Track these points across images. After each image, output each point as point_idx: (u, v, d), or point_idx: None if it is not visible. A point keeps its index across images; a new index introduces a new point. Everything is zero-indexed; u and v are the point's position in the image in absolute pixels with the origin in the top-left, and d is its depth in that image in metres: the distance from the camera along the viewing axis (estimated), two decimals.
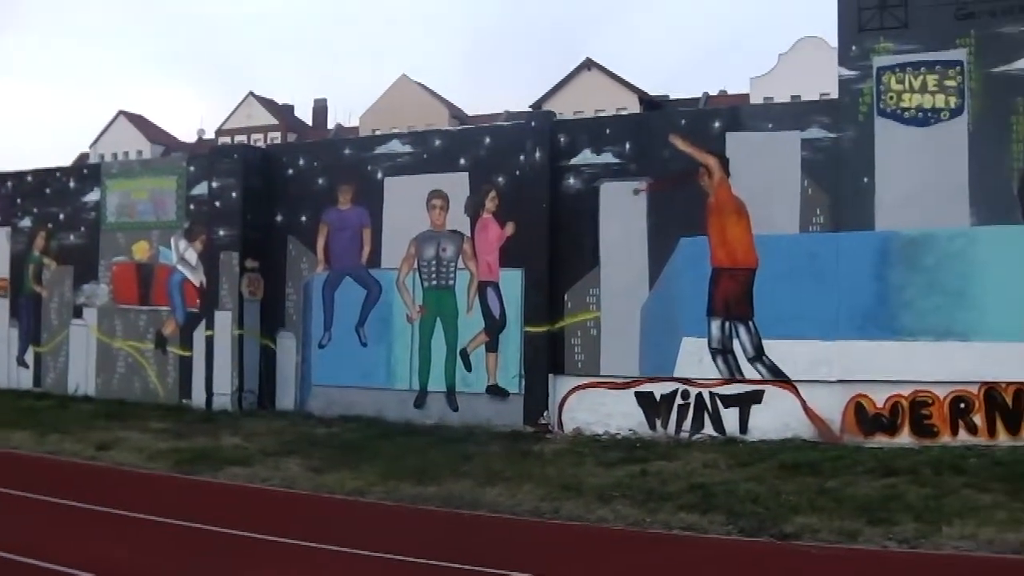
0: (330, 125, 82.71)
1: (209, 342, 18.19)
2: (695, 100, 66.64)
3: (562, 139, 15.86)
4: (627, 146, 15.43)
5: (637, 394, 15.06)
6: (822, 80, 14.24)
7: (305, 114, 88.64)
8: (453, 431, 15.36)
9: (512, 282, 16.02)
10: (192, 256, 18.89)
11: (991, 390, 13.39)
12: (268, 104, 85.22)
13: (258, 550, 9.52)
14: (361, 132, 65.40)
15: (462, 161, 16.51)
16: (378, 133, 34.78)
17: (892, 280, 13.75)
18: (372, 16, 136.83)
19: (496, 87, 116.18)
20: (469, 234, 16.42)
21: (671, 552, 9.62)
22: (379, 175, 17.19)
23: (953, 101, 13.60)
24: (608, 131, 15.82)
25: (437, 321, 16.56)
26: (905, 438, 13.67)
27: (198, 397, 18.35)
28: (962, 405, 13.50)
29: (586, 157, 15.65)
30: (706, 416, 14.70)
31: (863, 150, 13.95)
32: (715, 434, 14.55)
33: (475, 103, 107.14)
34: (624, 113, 49.36)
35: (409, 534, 10.20)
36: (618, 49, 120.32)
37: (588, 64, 74.77)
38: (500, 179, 16.14)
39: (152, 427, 16.34)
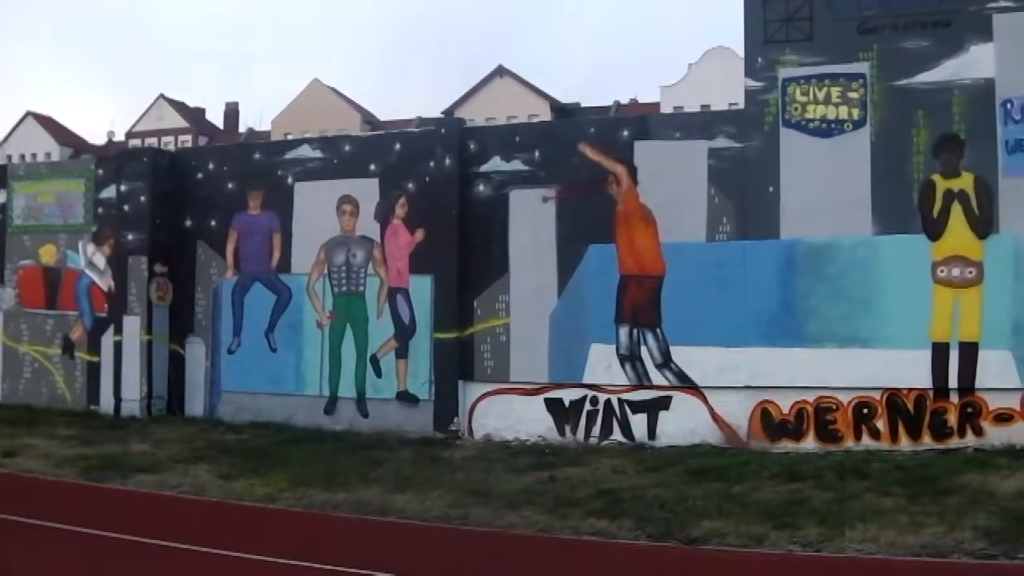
0: (241, 129, 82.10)
1: (117, 347, 17.93)
2: (606, 108, 67.04)
3: (472, 146, 15.88)
4: (537, 154, 15.49)
5: (546, 400, 15.13)
6: (731, 90, 14.45)
7: (216, 117, 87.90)
8: (363, 437, 15.31)
9: (422, 288, 16.02)
10: (100, 260, 18.63)
11: (893, 396, 13.65)
12: (179, 107, 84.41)
13: (167, 558, 9.46)
14: (273, 136, 65.01)
15: (372, 167, 16.47)
16: (289, 138, 34.64)
17: (797, 288, 13.97)
18: (284, 20, 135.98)
19: (409, 93, 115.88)
20: (379, 240, 16.38)
21: (580, 558, 9.69)
22: (289, 180, 17.10)
23: (856, 113, 13.86)
24: (518, 138, 15.88)
25: (347, 327, 16.51)
26: (810, 443, 13.88)
27: (106, 403, 18.06)
28: (865, 411, 13.75)
29: (496, 164, 15.69)
30: (615, 422, 14.80)
31: (769, 160, 14.17)
32: (624, 440, 14.65)
33: (387, 108, 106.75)
34: (535, 120, 49.42)
35: (318, 540, 10.19)
36: (531, 56, 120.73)
37: (500, 71, 74.97)
38: (410, 185, 16.13)
39: (59, 433, 16.08)
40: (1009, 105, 13.40)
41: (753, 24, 14.39)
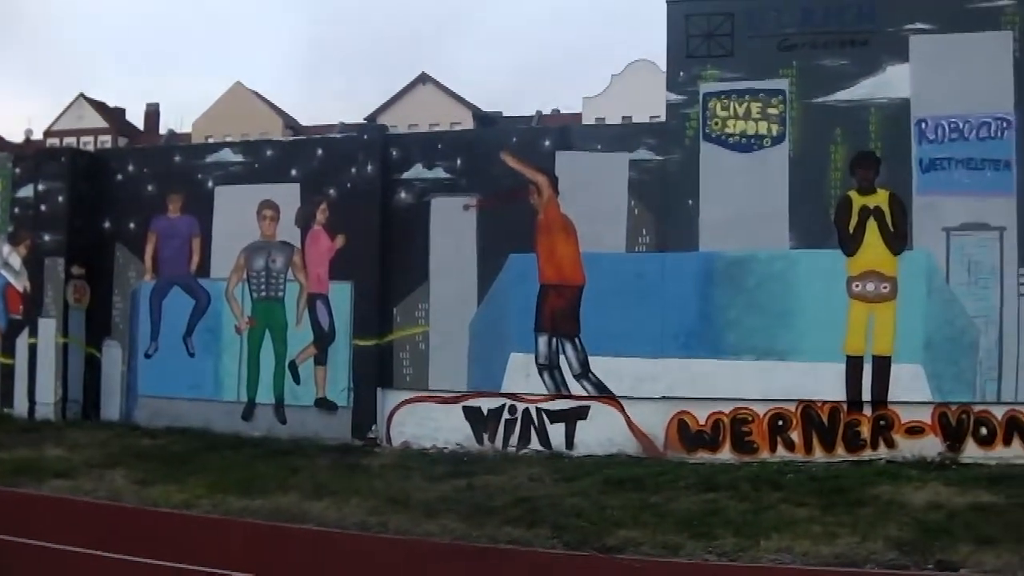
0: (162, 131, 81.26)
1: (32, 350, 17.64)
2: (529, 118, 67.27)
3: (394, 153, 15.86)
4: (459, 162, 15.51)
5: (465, 408, 15.14)
6: (653, 103, 14.58)
7: (137, 118, 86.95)
8: (281, 444, 15.21)
9: (342, 295, 15.96)
10: (16, 261, 18.34)
11: (808, 408, 13.84)
12: (99, 107, 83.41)
13: (80, 564, 9.38)
14: (194, 139, 64.50)
15: (294, 172, 16.38)
16: (211, 141, 34.32)
17: (715, 300, 14.12)
18: (207, 22, 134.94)
19: (332, 98, 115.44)
20: (299, 246, 16.29)
21: (496, 565, 9.74)
22: (210, 184, 16.94)
23: (775, 129, 14.05)
24: (440, 146, 15.89)
25: (266, 333, 16.40)
26: (726, 454, 14.02)
27: (20, 406, 17.73)
28: (780, 422, 13.92)
29: (418, 171, 15.67)
30: (533, 431, 14.84)
31: (688, 173, 14.31)
32: (541, 449, 14.70)
33: (310, 114, 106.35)
34: (457, 128, 49.49)
35: (235, 547, 10.14)
36: (454, 64, 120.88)
37: (424, 78, 75.00)
38: (332, 191, 16.06)
39: None
40: (923, 125, 13.67)
41: (675, 38, 14.53)
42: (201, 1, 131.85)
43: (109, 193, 17.81)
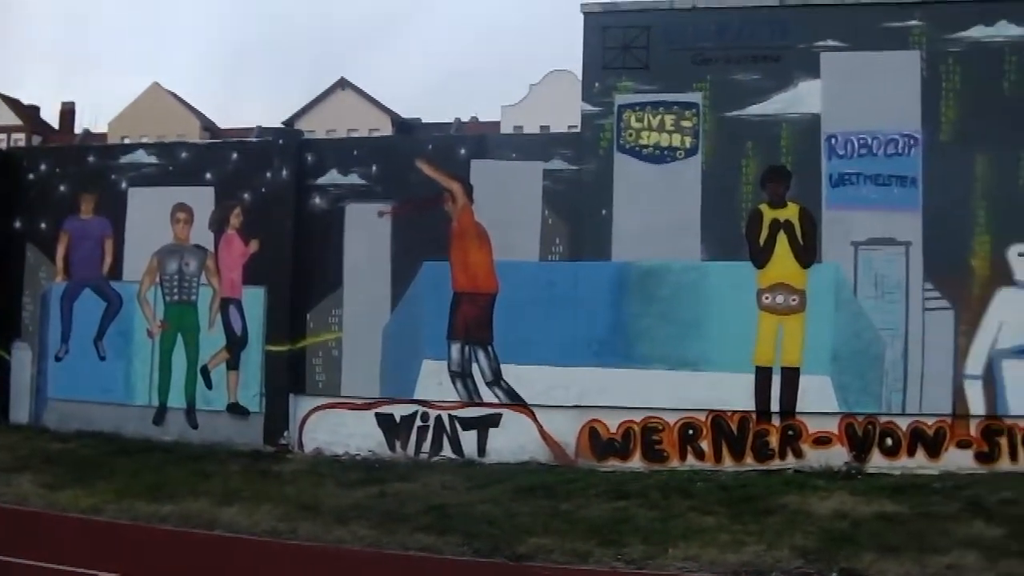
0: (77, 130, 79.85)
1: None
2: (447, 125, 67.12)
3: (310, 158, 15.79)
4: (374, 168, 15.47)
5: (377, 415, 15.10)
6: (571, 112, 14.66)
7: (52, 117, 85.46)
8: (192, 449, 15.09)
9: (255, 300, 15.87)
10: None
11: (718, 418, 14.00)
12: (12, 104, 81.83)
13: None
14: (110, 139, 63.60)
15: (208, 175, 16.22)
16: (127, 141, 33.91)
17: (627, 309, 14.23)
18: (126, 21, 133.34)
19: (251, 102, 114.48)
20: (213, 250, 16.16)
21: (406, 573, 9.76)
22: (123, 185, 16.72)
23: (688, 141, 14.21)
24: (356, 152, 15.86)
25: (178, 336, 16.25)
26: (637, 462, 14.13)
27: None
28: (690, 431, 14.06)
29: (333, 177, 15.61)
30: (445, 438, 14.85)
31: (602, 183, 14.42)
32: (454, 456, 14.71)
33: (229, 117, 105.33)
34: (376, 135, 49.32)
35: (142, 553, 10.07)
36: (373, 70, 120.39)
37: (343, 83, 74.63)
38: (246, 195, 15.95)
39: None
40: (833, 140, 13.92)
41: (591, 50, 14.63)
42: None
43: (20, 192, 17.49)
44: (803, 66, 14.04)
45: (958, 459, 13.55)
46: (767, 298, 13.96)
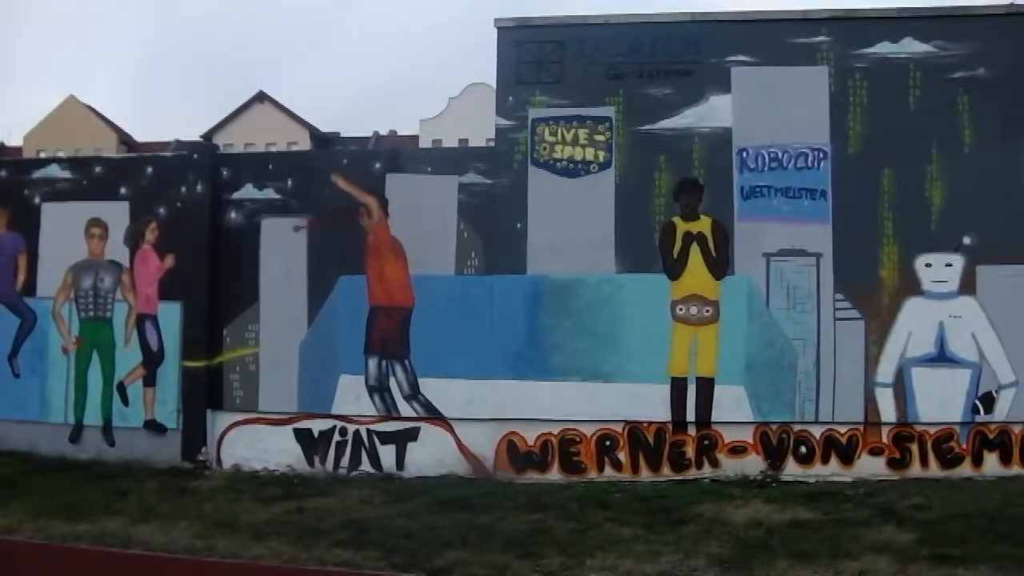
0: None
1: None
2: (366, 139, 67.13)
3: (225, 172, 15.65)
4: (289, 182, 15.37)
5: (295, 431, 15.03)
6: (489, 126, 14.74)
7: None
8: (109, 467, 14.87)
9: (171, 315, 15.69)
10: None
11: (634, 429, 14.12)
12: None
13: None
14: (25, 153, 62.76)
15: (123, 190, 16.01)
16: (42, 155, 33.44)
17: (543, 322, 14.32)
18: (42, 33, 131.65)
19: (169, 115, 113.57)
20: (128, 265, 15.98)
21: None
22: (37, 200, 16.44)
23: (602, 155, 14.33)
24: (271, 167, 15.76)
25: (94, 353, 16.06)
26: (555, 474, 14.21)
27: None
28: (608, 443, 14.17)
29: (248, 192, 15.50)
30: (363, 453, 14.81)
31: (517, 197, 14.50)
32: (372, 471, 14.68)
33: (147, 130, 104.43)
34: (294, 149, 49.18)
35: (56, 573, 9.98)
36: (293, 84, 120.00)
37: (261, 97, 74.33)
38: (161, 210, 15.76)
39: None
40: (745, 154, 14.12)
41: (506, 64, 14.70)
42: (39, 12, 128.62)
43: None
44: (714, 81, 14.24)
45: (870, 466, 13.81)
46: (681, 309, 14.11)
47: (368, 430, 14.82)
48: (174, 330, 15.67)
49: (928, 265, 13.87)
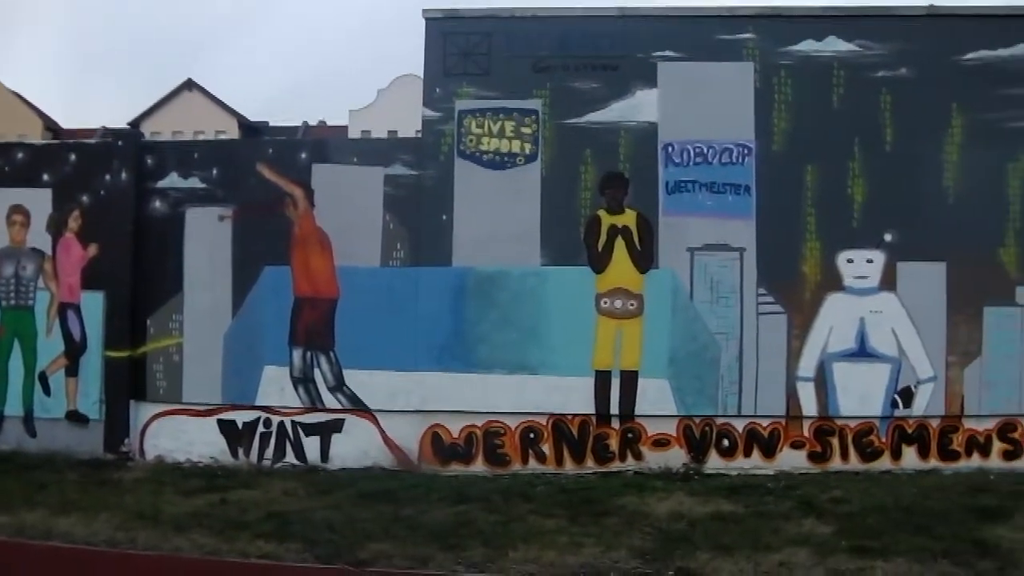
0: None
1: None
2: (295, 129, 66.65)
3: (149, 161, 15.46)
4: (215, 172, 15.22)
5: (219, 422, 14.92)
6: (417, 118, 14.70)
7: None
8: (30, 458, 14.65)
9: (94, 305, 15.49)
10: None
11: (559, 422, 14.18)
12: None
13: None
14: None
15: (46, 177, 15.77)
16: None
17: (468, 315, 14.32)
18: None
19: (98, 102, 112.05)
20: (51, 253, 15.76)
21: None
22: None
23: (528, 148, 14.36)
24: (196, 155, 15.58)
25: (15, 342, 15.84)
26: (479, 467, 14.24)
27: None
28: (532, 435, 14.22)
29: (173, 180, 15.32)
30: (288, 444, 14.75)
31: (443, 189, 14.48)
32: (297, 463, 14.62)
33: (73, 117, 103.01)
34: (219, 137, 48.78)
35: None
36: (221, 72, 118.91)
37: (189, 85, 73.61)
38: (85, 198, 15.54)
39: None
40: (670, 148, 14.21)
41: (433, 56, 14.67)
42: None
43: None
44: (641, 76, 14.31)
45: (792, 459, 13.98)
46: (605, 303, 14.18)
47: (292, 422, 14.76)
48: (97, 320, 15.49)
49: (850, 261, 14.05)
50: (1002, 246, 14.04)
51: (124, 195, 15.39)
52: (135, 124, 65.31)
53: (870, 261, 14.04)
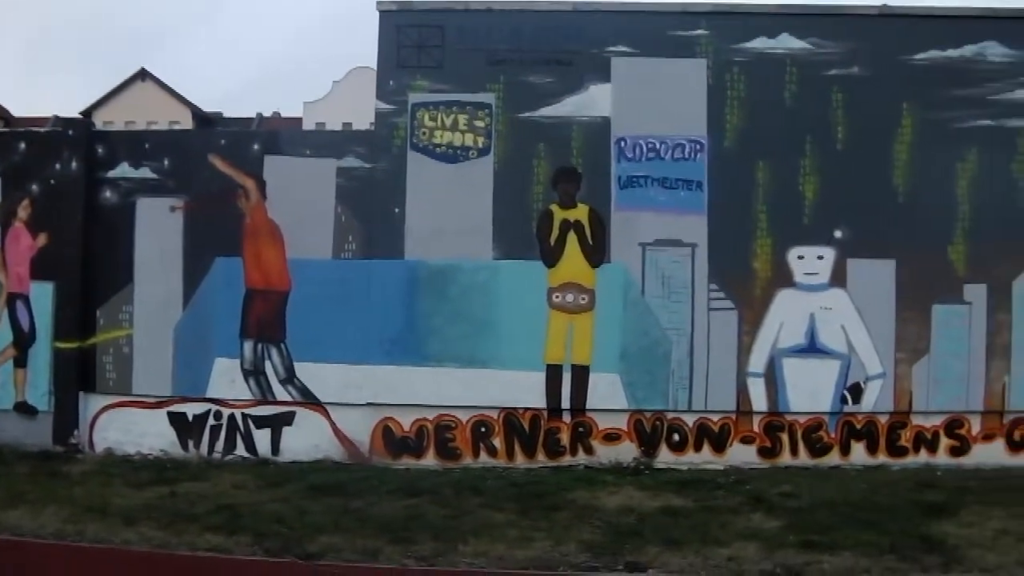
0: None
1: None
2: (249, 120, 66.39)
3: (100, 150, 15.33)
4: (166, 162, 15.13)
5: (169, 414, 14.83)
6: (371, 110, 14.66)
7: None
8: None
9: (43, 295, 15.35)
10: None
11: (510, 415, 14.21)
12: None
13: None
14: None
15: None
16: None
17: (419, 308, 14.32)
18: None
19: (50, 91, 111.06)
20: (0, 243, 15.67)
21: (194, 574, 9.68)
22: None
23: (481, 141, 14.36)
24: (147, 145, 15.43)
25: None
26: (430, 460, 14.24)
27: None
28: (483, 429, 14.24)
29: (124, 170, 15.21)
30: (238, 437, 14.69)
31: (396, 181, 14.46)
32: (247, 455, 14.56)
33: (25, 105, 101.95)
34: (169, 128, 48.46)
35: None
36: (176, 62, 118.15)
37: (143, 74, 73.13)
38: (34, 187, 15.40)
39: None
40: (623, 143, 14.26)
41: (386, 48, 14.63)
42: None
43: None
44: (594, 70, 14.34)
45: (742, 454, 14.08)
46: (557, 297, 14.21)
47: (243, 414, 14.70)
48: (46, 310, 15.35)
49: (800, 257, 14.15)
50: (951, 244, 14.18)
51: (74, 184, 15.26)
52: (88, 114, 64.78)
53: (820, 258, 14.14)
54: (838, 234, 14.13)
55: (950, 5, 14.69)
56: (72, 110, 65.04)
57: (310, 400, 14.56)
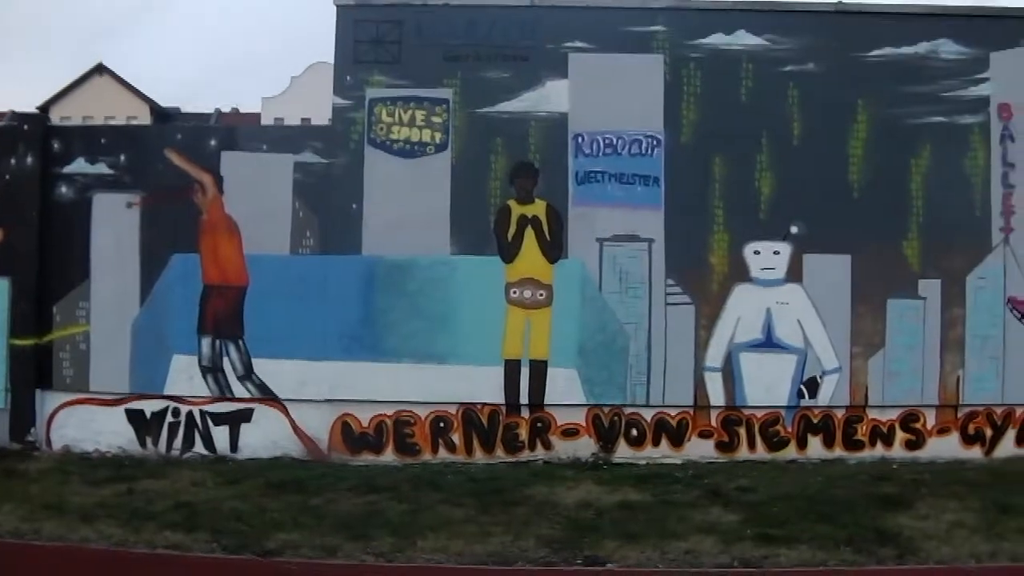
0: None
1: None
2: (208, 115, 66.10)
3: (56, 145, 15.19)
4: (122, 157, 15.02)
5: (127, 411, 14.74)
6: (330, 105, 14.66)
7: None
8: None
9: None
10: None
11: (468, 411, 14.23)
12: None
13: None
14: None
15: None
16: None
17: (377, 303, 14.30)
18: None
19: (6, 86, 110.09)
20: None
21: (152, 571, 9.66)
22: None
23: (439, 137, 14.36)
24: (103, 140, 15.33)
25: None
26: (389, 456, 14.24)
27: None
28: (442, 424, 14.25)
29: (80, 166, 15.11)
30: (197, 434, 14.61)
31: (353, 177, 14.44)
32: (206, 452, 14.50)
33: None
34: (125, 123, 48.14)
35: None
36: (133, 57, 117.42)
37: (100, 69, 72.66)
38: None
39: None
40: (580, 139, 14.29)
41: (343, 43, 14.60)
42: None
43: None
44: (551, 66, 14.37)
45: (700, 448, 14.16)
46: (515, 292, 14.24)
47: (201, 411, 14.64)
48: (1, 307, 15.22)
49: (757, 252, 14.24)
50: (905, 239, 14.31)
51: (30, 180, 15.12)
52: (44, 109, 64.29)
53: (777, 253, 14.24)
54: (794, 229, 14.23)
55: (905, 2, 14.79)
56: (28, 105, 64.60)
57: (268, 396, 14.51)
